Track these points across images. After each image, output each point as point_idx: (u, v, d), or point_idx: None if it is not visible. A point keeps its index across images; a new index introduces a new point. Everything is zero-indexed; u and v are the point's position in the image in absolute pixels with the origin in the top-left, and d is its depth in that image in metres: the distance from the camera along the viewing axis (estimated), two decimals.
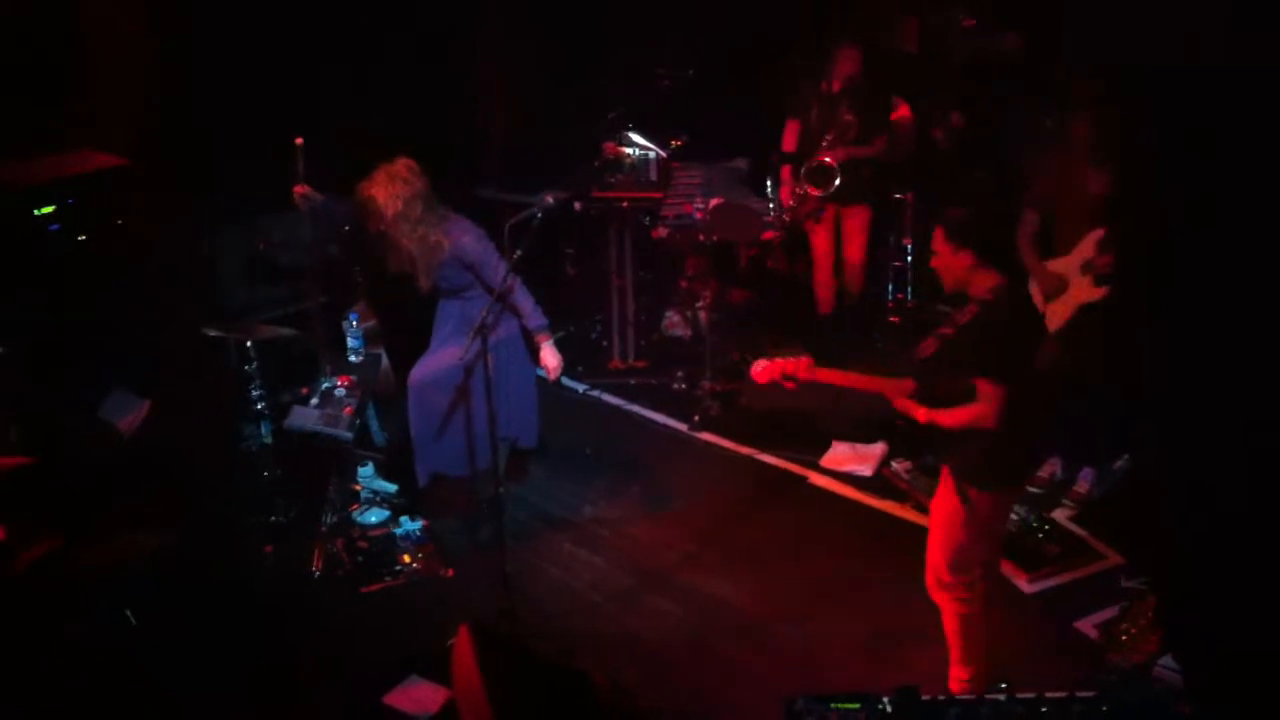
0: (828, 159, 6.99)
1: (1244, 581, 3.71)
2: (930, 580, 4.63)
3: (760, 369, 4.47)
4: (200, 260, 6.74)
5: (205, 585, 5.42)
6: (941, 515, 4.51)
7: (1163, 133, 4.87)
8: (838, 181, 7.00)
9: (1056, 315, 5.98)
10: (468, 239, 5.60)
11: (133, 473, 5.78)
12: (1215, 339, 4.21)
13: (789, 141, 7.30)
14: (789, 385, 4.47)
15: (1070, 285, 5.92)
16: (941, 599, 4.63)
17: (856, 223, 7.32)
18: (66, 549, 4.55)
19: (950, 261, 4.32)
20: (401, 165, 5.51)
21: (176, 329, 6.17)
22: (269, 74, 6.57)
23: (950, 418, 4.27)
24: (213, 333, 5.86)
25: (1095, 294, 5.87)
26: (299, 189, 5.56)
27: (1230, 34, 4.08)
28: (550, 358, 5.80)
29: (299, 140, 5.46)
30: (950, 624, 4.65)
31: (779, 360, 4.43)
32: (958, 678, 4.66)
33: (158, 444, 6.05)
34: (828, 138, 7.01)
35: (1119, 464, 6.20)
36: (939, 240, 4.34)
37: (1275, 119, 3.95)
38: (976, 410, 4.21)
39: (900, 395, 4.39)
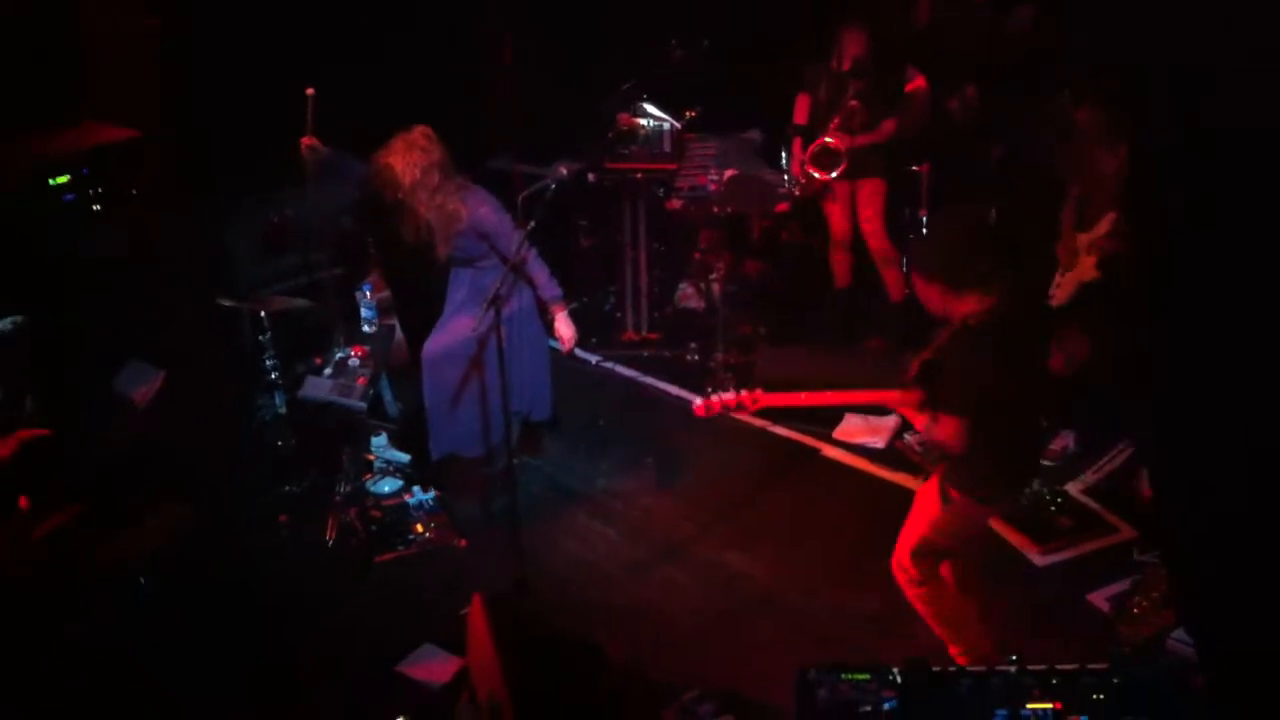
0: (830, 141, 6.91)
1: (1253, 563, 3.70)
2: (894, 560, 4.66)
3: (699, 405, 4.48)
4: (214, 232, 6.75)
5: (221, 556, 5.46)
6: (922, 505, 4.55)
7: (1163, 131, 4.85)
8: (839, 169, 6.94)
9: (1063, 290, 6.01)
10: (485, 209, 5.59)
11: (148, 444, 5.81)
12: (1214, 337, 4.19)
13: (800, 114, 7.25)
14: (738, 415, 4.48)
15: (1078, 262, 5.94)
16: (899, 580, 4.65)
17: (866, 193, 7.25)
18: (82, 523, 4.57)
19: (923, 293, 4.26)
20: (419, 133, 5.48)
21: (191, 300, 6.19)
22: (277, 48, 6.55)
23: (931, 433, 4.29)
24: (227, 303, 5.88)
25: (1092, 275, 5.88)
26: (306, 140, 5.53)
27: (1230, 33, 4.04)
28: (565, 329, 5.80)
29: (309, 91, 5.42)
30: (916, 606, 4.66)
31: (716, 398, 4.42)
32: (954, 654, 4.67)
33: (172, 415, 6.08)
34: (834, 121, 6.95)
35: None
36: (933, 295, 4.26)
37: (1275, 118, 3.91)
38: (940, 435, 4.21)
39: (905, 405, 4.37)
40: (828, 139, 6.90)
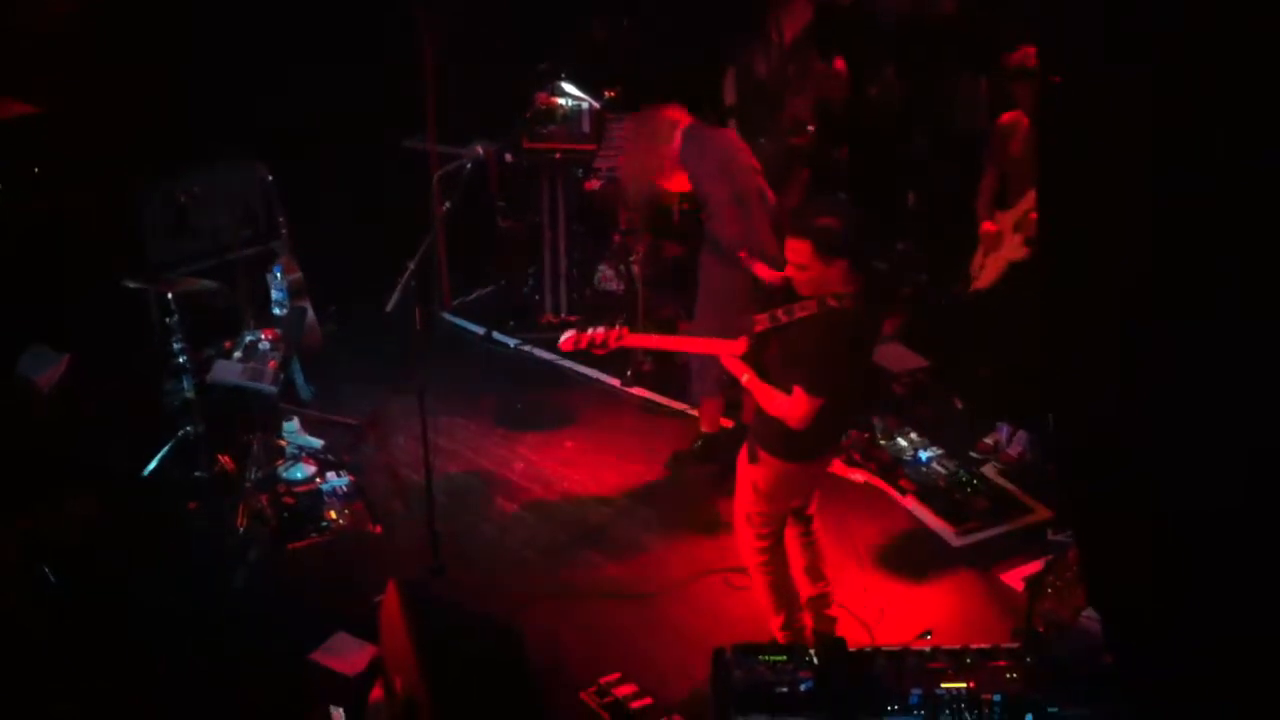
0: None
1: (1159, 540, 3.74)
2: (735, 532, 4.73)
3: (566, 339, 4.46)
4: (122, 212, 6.57)
5: (129, 546, 5.34)
6: (741, 471, 4.60)
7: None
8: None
9: (988, 271, 6.01)
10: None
11: (53, 430, 5.67)
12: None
13: (730, 93, 7.18)
14: (598, 351, 4.48)
15: (1004, 242, 5.95)
16: (740, 551, 4.73)
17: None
18: None
19: (820, 272, 4.16)
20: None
21: (98, 282, 6.02)
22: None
23: (764, 397, 4.28)
24: (134, 285, 5.72)
25: (1021, 253, 5.88)
26: None
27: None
28: None
29: None
30: (754, 576, 4.72)
31: (585, 333, 4.42)
32: (775, 626, 4.71)
33: (78, 400, 5.93)
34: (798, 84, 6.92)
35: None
36: (806, 254, 4.15)
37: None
38: (786, 407, 4.19)
39: (731, 355, 4.36)
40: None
